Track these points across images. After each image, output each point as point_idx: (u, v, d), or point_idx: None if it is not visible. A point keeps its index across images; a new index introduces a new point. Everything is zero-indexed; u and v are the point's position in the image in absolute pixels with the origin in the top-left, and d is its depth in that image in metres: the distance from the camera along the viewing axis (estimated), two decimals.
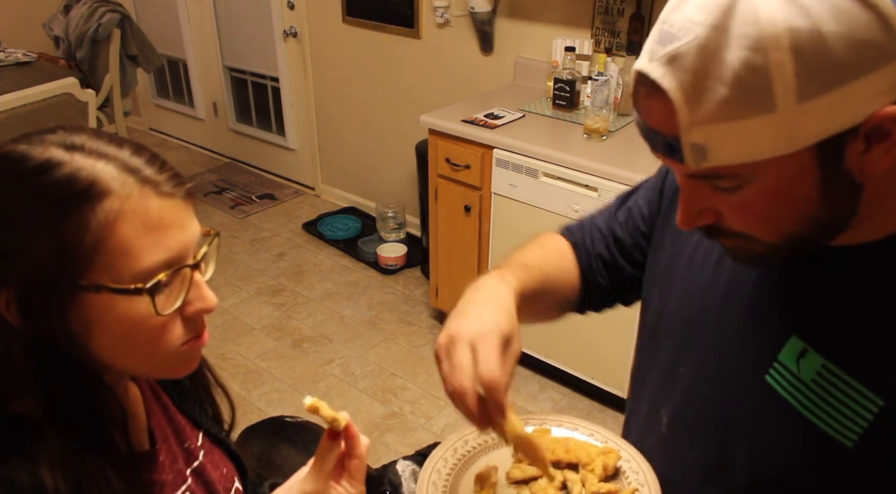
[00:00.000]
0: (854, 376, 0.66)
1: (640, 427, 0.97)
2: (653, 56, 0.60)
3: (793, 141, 0.57)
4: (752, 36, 0.55)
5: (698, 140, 0.59)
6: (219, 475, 0.83)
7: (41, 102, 2.90)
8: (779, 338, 0.72)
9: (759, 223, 0.65)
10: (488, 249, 2.69)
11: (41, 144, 0.61)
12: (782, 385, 0.71)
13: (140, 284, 0.60)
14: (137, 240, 0.60)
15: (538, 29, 2.90)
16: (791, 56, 0.54)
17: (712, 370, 0.81)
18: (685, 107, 0.58)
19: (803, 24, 0.54)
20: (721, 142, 0.58)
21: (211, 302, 0.67)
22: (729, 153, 0.59)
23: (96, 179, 0.59)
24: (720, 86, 0.56)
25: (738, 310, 0.78)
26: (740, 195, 0.62)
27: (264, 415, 2.38)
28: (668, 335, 0.89)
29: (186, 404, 0.85)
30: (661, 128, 0.61)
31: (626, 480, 0.89)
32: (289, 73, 4.03)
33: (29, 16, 4.27)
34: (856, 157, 0.59)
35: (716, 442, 0.80)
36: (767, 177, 0.60)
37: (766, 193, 0.62)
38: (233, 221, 4.01)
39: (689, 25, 0.57)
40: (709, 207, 0.66)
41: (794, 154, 0.58)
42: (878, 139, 0.58)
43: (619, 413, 2.64)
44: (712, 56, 0.56)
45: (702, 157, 0.60)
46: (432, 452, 0.92)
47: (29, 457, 0.60)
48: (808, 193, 0.61)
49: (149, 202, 0.61)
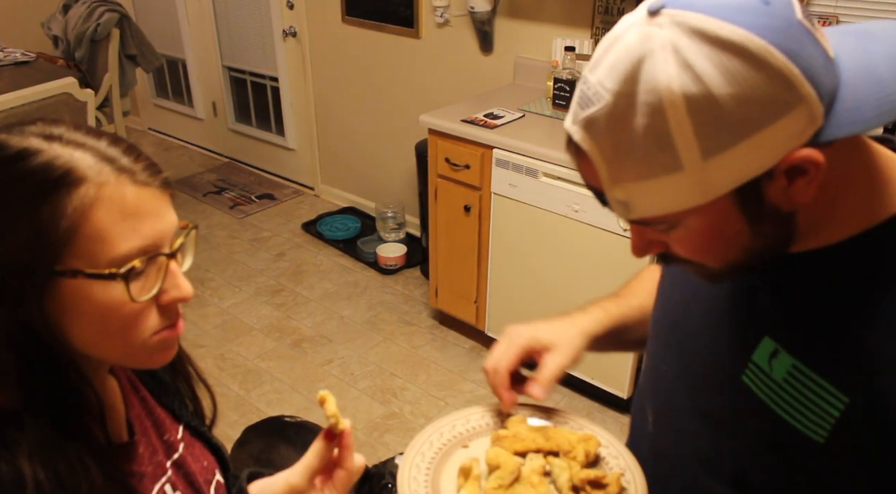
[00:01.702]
0: (821, 374, 0.68)
1: (633, 425, 1.00)
2: (575, 118, 0.65)
3: (707, 193, 0.61)
4: (651, 103, 0.58)
5: (620, 197, 0.64)
6: (199, 467, 0.84)
7: (40, 102, 2.90)
8: (753, 339, 0.74)
9: (702, 254, 0.69)
10: (488, 249, 2.69)
11: (20, 134, 0.62)
12: (757, 384, 0.74)
13: (115, 269, 0.61)
14: (113, 227, 0.61)
15: (538, 29, 2.89)
16: (689, 119, 0.58)
17: (693, 370, 0.83)
18: (604, 167, 0.63)
19: (696, 89, 0.57)
20: (640, 198, 0.63)
21: (186, 291, 0.68)
22: (649, 207, 0.64)
23: (73, 167, 0.60)
24: (632, 148, 0.60)
25: (716, 312, 0.80)
26: (677, 233, 0.67)
27: (264, 415, 2.38)
28: (656, 335, 0.92)
29: (165, 397, 0.85)
30: (590, 182, 0.68)
31: (608, 466, 0.90)
32: (288, 73, 4.03)
33: (28, 15, 4.27)
34: (779, 192, 0.62)
35: (702, 437, 0.83)
36: (694, 221, 0.64)
37: (698, 232, 0.66)
38: (232, 221, 4.01)
39: (600, 91, 0.61)
40: (655, 240, 0.71)
41: (712, 202, 0.61)
42: (799, 174, 0.61)
43: (618, 413, 2.64)
44: (621, 122, 0.60)
45: (628, 211, 0.65)
46: (408, 447, 0.92)
47: (7, 448, 0.60)
48: (738, 229, 0.65)
49: (125, 190, 0.62)
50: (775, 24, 0.57)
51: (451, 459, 0.91)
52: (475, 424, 0.97)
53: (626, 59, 0.60)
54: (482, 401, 3.02)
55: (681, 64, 0.57)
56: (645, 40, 0.59)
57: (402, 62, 3.43)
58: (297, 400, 2.74)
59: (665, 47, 0.58)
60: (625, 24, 0.63)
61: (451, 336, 3.09)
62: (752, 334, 0.75)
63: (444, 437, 0.94)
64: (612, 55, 0.61)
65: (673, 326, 0.88)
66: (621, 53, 0.60)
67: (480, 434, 0.96)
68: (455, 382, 2.83)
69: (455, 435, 0.95)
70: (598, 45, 0.64)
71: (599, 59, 0.63)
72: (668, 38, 0.58)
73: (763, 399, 0.73)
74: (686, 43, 0.57)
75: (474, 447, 0.94)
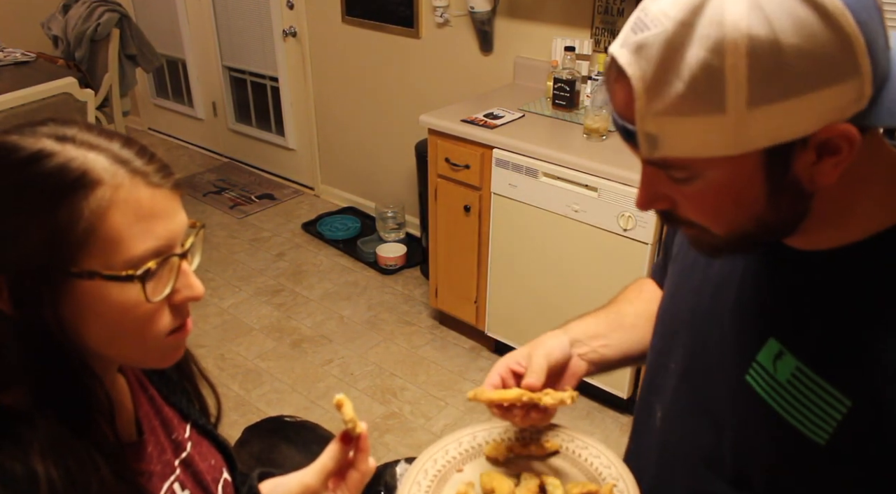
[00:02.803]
0: (825, 378, 0.68)
1: (638, 421, 0.99)
2: (625, 42, 0.62)
3: (740, 144, 0.59)
4: (713, 37, 0.56)
5: (651, 130, 0.61)
6: (207, 466, 0.84)
7: (40, 102, 2.90)
8: (758, 340, 0.74)
9: (710, 216, 0.67)
10: (488, 249, 2.69)
11: (33, 135, 0.62)
12: (760, 384, 0.74)
13: (131, 271, 0.62)
14: (128, 229, 0.62)
15: (538, 29, 2.90)
16: (746, 61, 0.56)
17: (699, 367, 0.84)
18: (644, 96, 0.60)
19: (763, 33, 0.55)
20: (672, 135, 0.60)
21: (198, 290, 0.69)
22: (678, 146, 0.61)
23: (88, 169, 0.61)
24: (678, 81, 0.58)
25: (723, 311, 0.80)
26: (692, 186, 0.65)
27: (264, 415, 2.38)
28: (663, 332, 0.92)
29: (174, 396, 0.86)
30: (622, 112, 0.64)
31: (600, 476, 0.90)
32: (288, 73, 4.03)
33: (28, 15, 4.27)
34: (805, 167, 0.61)
35: (706, 436, 0.83)
36: (716, 174, 0.62)
37: (715, 189, 0.64)
38: (232, 221, 4.01)
39: (660, 17, 0.59)
40: (665, 194, 0.68)
41: (741, 156, 0.60)
42: (829, 153, 0.60)
43: (618, 413, 2.64)
44: (675, 51, 0.58)
45: (654, 147, 0.62)
46: (404, 478, 0.92)
47: (20, 446, 0.61)
48: (756, 195, 0.63)
49: (139, 192, 0.63)
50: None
51: (446, 486, 0.92)
52: (467, 446, 0.97)
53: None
54: None
55: (752, 3, 0.55)
56: None
57: (402, 62, 3.43)
58: (297, 399, 2.74)
59: None
60: None
61: (451, 336, 3.09)
62: (758, 334, 0.74)
63: (439, 463, 0.94)
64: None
65: (681, 324, 0.87)
66: None
67: (473, 456, 0.96)
68: (455, 382, 2.83)
69: (449, 460, 0.95)
70: None
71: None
72: None
73: (766, 399, 0.73)
74: None
75: (469, 470, 0.94)
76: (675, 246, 0.95)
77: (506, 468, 0.94)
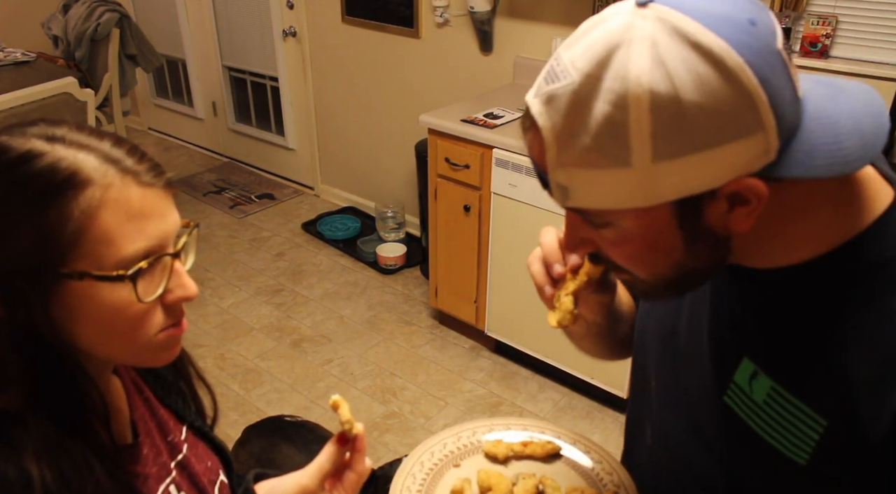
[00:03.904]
0: (799, 397, 0.67)
1: (630, 436, 0.99)
2: (538, 91, 0.63)
3: (649, 197, 0.60)
4: (617, 91, 0.57)
5: (562, 180, 0.63)
6: (203, 467, 0.84)
7: (40, 102, 2.90)
8: (733, 360, 0.74)
9: (630, 262, 0.68)
10: (488, 249, 2.69)
11: (22, 136, 0.62)
12: (738, 405, 0.73)
13: (122, 271, 0.61)
14: (119, 229, 0.61)
15: (538, 28, 2.90)
16: (649, 117, 0.56)
17: (684, 387, 0.83)
18: (554, 147, 0.61)
19: (665, 89, 0.56)
20: (581, 185, 0.62)
21: (191, 290, 0.68)
22: (588, 197, 0.62)
23: (77, 169, 0.60)
24: (584, 134, 0.59)
25: (700, 332, 0.79)
26: (611, 232, 0.66)
27: (263, 415, 2.38)
28: (645, 350, 0.91)
29: (169, 397, 0.85)
30: (536, 160, 0.66)
31: (602, 483, 0.89)
32: (288, 73, 4.03)
33: (28, 15, 4.27)
34: (718, 217, 0.62)
35: (697, 457, 0.82)
36: (630, 224, 0.63)
37: (633, 237, 0.65)
38: (232, 221, 4.01)
39: (569, 69, 0.60)
40: (588, 238, 0.70)
41: (652, 208, 0.61)
42: (740, 203, 0.61)
43: (618, 412, 2.64)
44: (582, 104, 0.59)
45: (566, 197, 0.64)
46: (399, 469, 0.91)
47: (14, 449, 0.60)
48: (672, 243, 0.64)
49: (130, 191, 0.62)
50: (756, 46, 0.57)
51: (442, 480, 0.91)
52: (466, 442, 0.96)
53: (603, 42, 0.58)
54: (481, 401, 3.01)
55: (655, 59, 0.56)
56: (626, 29, 0.58)
57: (402, 62, 3.43)
58: (297, 399, 2.74)
59: (644, 39, 0.57)
60: (612, 10, 0.61)
61: (451, 336, 3.09)
62: (733, 354, 0.74)
63: (435, 457, 0.93)
64: (590, 37, 0.60)
65: (663, 342, 0.86)
66: (600, 37, 0.59)
67: (471, 452, 0.95)
68: (455, 382, 2.84)
69: (446, 454, 0.94)
70: (581, 25, 0.63)
71: (577, 38, 0.62)
72: (649, 32, 0.57)
73: (745, 420, 0.72)
74: (666, 40, 0.56)
75: (466, 466, 0.93)
76: None
77: (504, 466, 0.94)
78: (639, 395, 0.94)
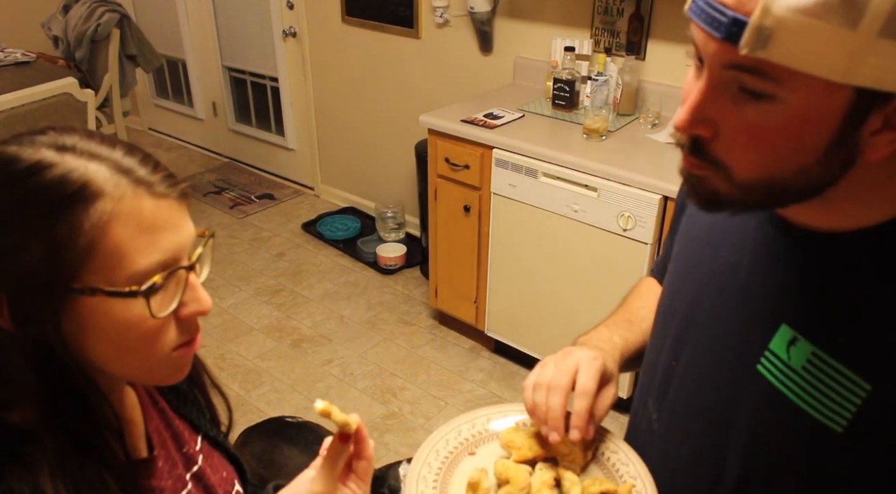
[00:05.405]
0: (842, 362, 0.67)
1: (634, 424, 0.98)
2: None
3: (849, 72, 0.55)
4: None
5: (771, 24, 0.55)
6: (219, 478, 0.83)
7: (40, 102, 2.90)
8: (769, 327, 0.73)
9: (751, 152, 0.63)
10: (488, 249, 2.69)
11: (32, 146, 0.59)
12: (773, 373, 0.72)
13: (135, 287, 0.59)
14: (131, 242, 0.59)
15: (537, 29, 2.90)
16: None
17: (705, 361, 0.82)
18: None
19: None
20: (790, 36, 0.55)
21: (206, 304, 0.66)
22: (790, 51, 0.55)
23: (88, 180, 0.58)
24: None
25: (729, 301, 0.78)
26: (762, 110, 0.60)
27: (264, 415, 2.38)
28: (663, 330, 0.90)
29: (184, 407, 0.84)
30: (734, 4, 0.58)
31: (618, 473, 0.88)
32: (288, 73, 4.03)
33: (28, 15, 4.27)
34: (868, 132, 0.59)
35: (709, 434, 0.81)
36: (799, 101, 0.58)
37: (784, 120, 0.60)
38: (232, 221, 4.01)
39: None
40: (714, 119, 0.63)
41: (837, 89, 0.56)
42: (892, 127, 0.58)
43: (618, 412, 2.64)
44: None
45: (762, 44, 0.56)
46: (415, 458, 0.89)
47: (28, 468, 0.59)
48: (817, 141, 0.60)
49: (142, 203, 0.60)
50: None
51: (458, 468, 0.89)
52: (480, 428, 0.94)
53: None
54: (481, 401, 3.01)
55: None
56: None
57: (401, 62, 3.43)
58: (297, 400, 2.74)
59: None
60: None
61: (451, 336, 3.09)
62: (769, 321, 0.73)
63: (451, 445, 0.91)
64: None
65: (683, 318, 0.85)
66: None
67: (486, 439, 0.93)
68: (455, 382, 2.84)
69: (461, 442, 0.92)
70: None
71: None
72: None
73: (780, 388, 0.71)
74: None
75: (481, 453, 0.91)
76: (677, 243, 0.93)
77: None
78: (648, 380, 0.93)
